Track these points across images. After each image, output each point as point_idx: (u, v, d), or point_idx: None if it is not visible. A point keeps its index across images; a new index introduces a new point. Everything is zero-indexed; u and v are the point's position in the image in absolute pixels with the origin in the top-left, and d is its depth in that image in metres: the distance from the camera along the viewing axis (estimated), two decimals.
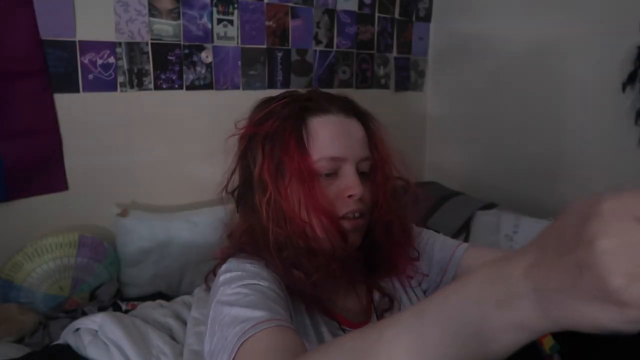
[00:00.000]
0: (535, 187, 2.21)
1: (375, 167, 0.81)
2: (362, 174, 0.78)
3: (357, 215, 0.77)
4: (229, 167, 0.84)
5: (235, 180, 0.85)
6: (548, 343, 1.47)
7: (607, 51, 1.87)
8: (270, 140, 0.76)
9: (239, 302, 0.65)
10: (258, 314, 0.61)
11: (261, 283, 0.69)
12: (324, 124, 0.77)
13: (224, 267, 0.76)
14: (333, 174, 0.77)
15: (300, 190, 0.74)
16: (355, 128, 0.80)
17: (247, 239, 0.79)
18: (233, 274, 0.72)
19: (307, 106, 0.79)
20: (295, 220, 0.74)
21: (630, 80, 1.80)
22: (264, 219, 0.76)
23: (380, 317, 0.83)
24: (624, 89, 1.82)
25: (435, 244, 0.92)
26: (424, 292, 0.92)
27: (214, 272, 0.85)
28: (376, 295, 0.86)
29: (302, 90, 0.85)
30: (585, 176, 2.02)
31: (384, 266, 0.85)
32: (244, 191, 0.82)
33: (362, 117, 0.83)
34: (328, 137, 0.76)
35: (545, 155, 2.18)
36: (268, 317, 0.61)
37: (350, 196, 0.76)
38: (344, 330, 0.78)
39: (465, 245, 0.90)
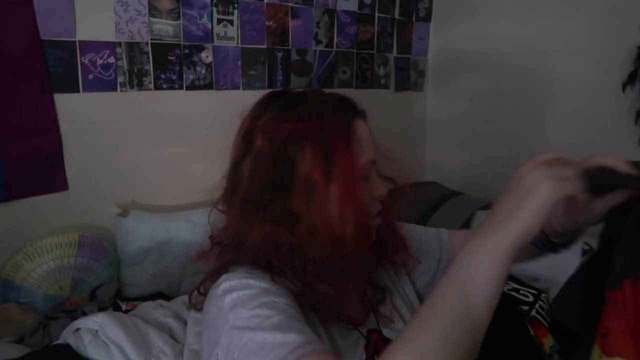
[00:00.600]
0: None
1: (380, 166, 0.83)
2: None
3: (378, 215, 0.80)
4: (232, 169, 0.79)
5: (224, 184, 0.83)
6: (548, 343, 1.47)
7: (607, 51, 1.87)
8: (318, 141, 0.71)
9: (262, 326, 0.59)
10: (290, 338, 0.56)
11: (277, 300, 0.64)
12: (360, 127, 0.78)
13: (223, 286, 0.69)
14: (368, 177, 0.79)
15: (348, 193, 0.71)
16: (369, 129, 0.83)
17: (266, 247, 0.73)
18: (241, 293, 0.66)
19: (345, 108, 0.80)
20: (341, 223, 0.71)
21: (630, 80, 1.80)
22: (303, 225, 0.71)
23: (375, 310, 0.85)
24: (624, 89, 1.82)
25: (420, 235, 0.98)
26: (413, 283, 0.96)
27: (198, 290, 0.81)
28: (370, 290, 0.87)
29: (305, 89, 0.83)
30: None
31: (383, 261, 0.89)
32: (271, 195, 0.73)
33: (365, 118, 0.85)
34: (365, 141, 0.78)
35: None
36: (302, 340, 0.56)
37: (377, 197, 0.79)
38: (357, 329, 0.79)
39: (444, 230, 0.99)
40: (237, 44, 2.06)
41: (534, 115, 2.19)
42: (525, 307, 1.56)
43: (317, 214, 0.71)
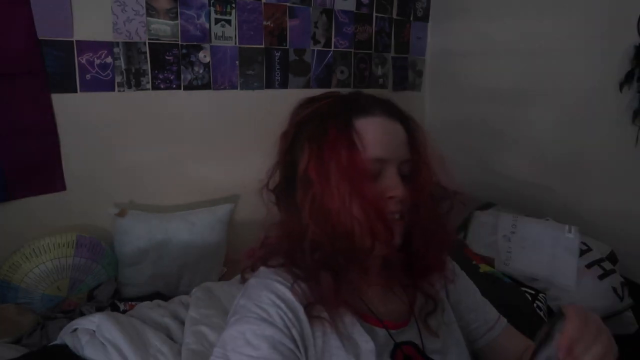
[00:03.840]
0: (533, 187, 2.21)
1: (416, 169, 0.80)
2: (402, 177, 0.78)
3: (397, 217, 0.77)
4: (270, 165, 0.83)
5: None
6: None
7: (605, 51, 1.87)
8: (316, 139, 0.76)
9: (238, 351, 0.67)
10: None
11: (267, 332, 0.69)
12: (369, 125, 0.77)
13: (250, 281, 0.78)
14: (376, 175, 0.77)
15: (349, 188, 0.72)
16: (397, 130, 0.80)
17: (284, 239, 0.79)
18: (246, 306, 0.73)
19: (352, 107, 0.79)
20: (340, 218, 0.73)
21: (628, 79, 1.80)
22: (304, 217, 0.75)
23: (424, 320, 0.83)
24: (621, 88, 1.83)
25: (469, 288, 0.96)
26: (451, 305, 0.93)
27: (242, 276, 0.85)
28: (420, 298, 0.85)
29: (344, 91, 0.85)
30: (584, 175, 2.02)
31: (421, 270, 0.85)
32: (285, 190, 0.81)
33: (404, 119, 0.83)
34: (373, 138, 0.76)
35: (542, 155, 2.18)
36: None
37: (391, 197, 0.76)
38: (389, 332, 0.78)
39: (503, 319, 0.96)
40: (235, 43, 2.05)
41: (531, 114, 2.20)
42: None
43: (316, 209, 0.74)
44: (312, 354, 0.70)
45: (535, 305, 1.57)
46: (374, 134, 0.77)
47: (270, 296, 0.73)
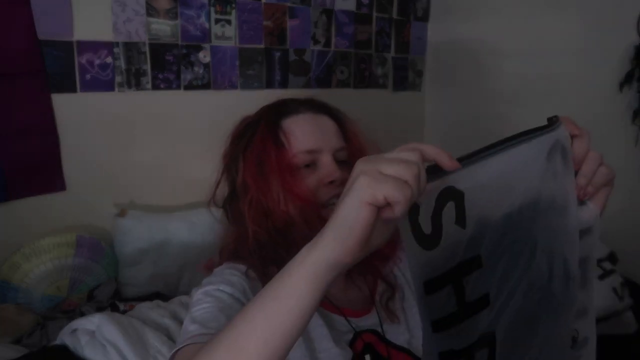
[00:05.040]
0: None
1: (352, 155, 0.85)
2: (342, 163, 0.83)
3: None
4: (214, 181, 0.90)
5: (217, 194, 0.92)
6: None
7: (605, 51, 1.87)
8: (249, 147, 0.83)
9: (192, 310, 0.72)
10: (193, 327, 0.67)
11: (222, 288, 0.75)
12: (296, 122, 0.84)
13: (214, 270, 0.84)
14: (312, 166, 0.82)
15: (281, 183, 0.78)
16: (326, 122, 0.86)
17: (235, 245, 0.85)
18: (209, 280, 0.79)
19: (278, 111, 0.86)
20: (277, 214, 0.78)
21: (628, 79, 1.80)
22: (246, 220, 0.80)
23: (385, 306, 0.84)
24: (621, 88, 1.83)
25: None
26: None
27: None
28: (382, 285, 0.87)
29: (272, 102, 0.92)
30: None
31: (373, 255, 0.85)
32: (231, 202, 0.87)
33: (332, 112, 0.89)
34: (301, 133, 0.82)
35: None
36: (196, 332, 0.65)
37: (331, 182, 0.80)
38: (347, 320, 0.79)
39: None
40: (235, 43, 2.05)
41: (531, 114, 2.19)
42: None
43: (255, 209, 0.80)
44: None
45: None
46: (301, 129, 0.83)
47: (231, 271, 0.80)
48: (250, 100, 0.92)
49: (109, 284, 1.71)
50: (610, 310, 1.60)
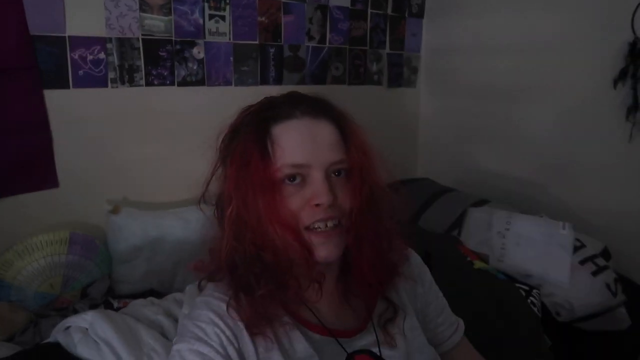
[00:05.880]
0: (527, 184, 2.22)
1: (351, 171, 0.74)
2: (338, 179, 0.73)
3: (329, 224, 0.71)
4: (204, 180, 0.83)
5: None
6: None
7: (599, 48, 1.88)
8: (232, 154, 0.74)
9: None
10: None
11: (201, 350, 0.68)
12: (286, 130, 0.73)
13: (198, 299, 0.77)
14: (301, 182, 0.72)
15: (261, 201, 0.70)
16: (323, 131, 0.74)
17: (218, 253, 0.78)
18: (186, 326, 0.72)
19: (268, 115, 0.75)
20: (255, 233, 0.71)
21: (622, 76, 1.81)
22: (226, 232, 0.73)
23: (383, 327, 0.79)
24: (615, 85, 1.83)
25: (437, 289, 0.94)
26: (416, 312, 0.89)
27: (199, 285, 0.85)
28: (381, 304, 0.82)
29: (276, 97, 0.82)
30: (578, 172, 2.03)
31: (358, 281, 0.79)
32: (219, 206, 0.80)
33: (335, 117, 0.76)
34: (290, 144, 0.72)
35: (537, 152, 2.18)
36: None
37: (317, 205, 0.70)
38: (338, 342, 0.75)
39: (461, 330, 0.94)
40: (229, 39, 2.04)
41: (525, 111, 2.20)
42: None
43: (235, 225, 0.73)
44: None
45: (529, 301, 1.57)
46: (289, 139, 0.72)
47: (209, 314, 0.72)
48: (244, 97, 0.87)
49: (102, 281, 1.70)
50: (604, 306, 1.61)
